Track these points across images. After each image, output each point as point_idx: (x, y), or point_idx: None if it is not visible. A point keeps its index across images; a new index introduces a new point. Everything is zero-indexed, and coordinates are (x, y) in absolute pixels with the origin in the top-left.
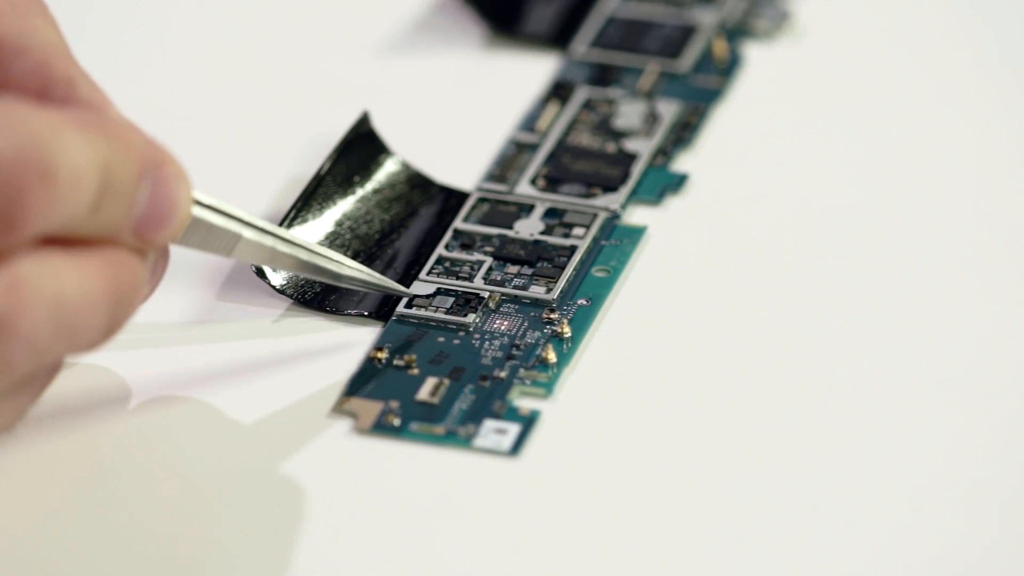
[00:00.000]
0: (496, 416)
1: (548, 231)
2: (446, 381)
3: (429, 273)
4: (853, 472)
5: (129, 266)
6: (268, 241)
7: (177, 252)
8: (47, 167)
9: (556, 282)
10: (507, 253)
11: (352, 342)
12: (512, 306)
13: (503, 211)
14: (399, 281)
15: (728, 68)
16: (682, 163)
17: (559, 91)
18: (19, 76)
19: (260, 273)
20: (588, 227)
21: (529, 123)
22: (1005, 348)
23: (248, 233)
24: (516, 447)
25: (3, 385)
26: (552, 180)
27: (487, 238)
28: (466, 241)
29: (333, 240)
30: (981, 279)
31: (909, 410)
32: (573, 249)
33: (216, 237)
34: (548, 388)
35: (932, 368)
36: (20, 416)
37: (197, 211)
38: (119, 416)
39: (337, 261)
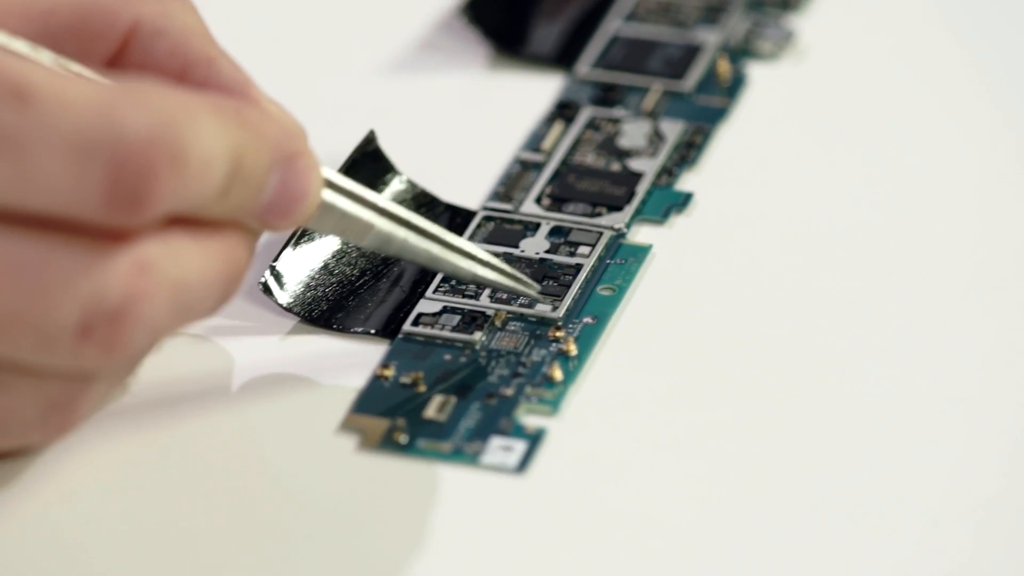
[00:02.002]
0: (503, 433)
1: (553, 250)
2: (453, 398)
3: (435, 291)
4: (859, 493)
5: (245, 248)
6: (401, 233)
7: None
8: (179, 149)
9: (562, 300)
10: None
11: (359, 360)
12: (518, 324)
13: (509, 230)
14: (405, 299)
15: (732, 88)
16: (687, 182)
17: (563, 111)
18: (158, 58)
19: (267, 290)
20: (593, 246)
21: (534, 142)
22: (1011, 363)
23: (381, 223)
24: (523, 464)
25: (117, 365)
26: (557, 199)
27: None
28: None
29: (340, 258)
30: (987, 296)
31: (915, 430)
32: (579, 268)
33: (349, 224)
34: (554, 406)
35: (938, 390)
36: (116, 389)
37: (331, 198)
38: (123, 432)
39: (472, 257)
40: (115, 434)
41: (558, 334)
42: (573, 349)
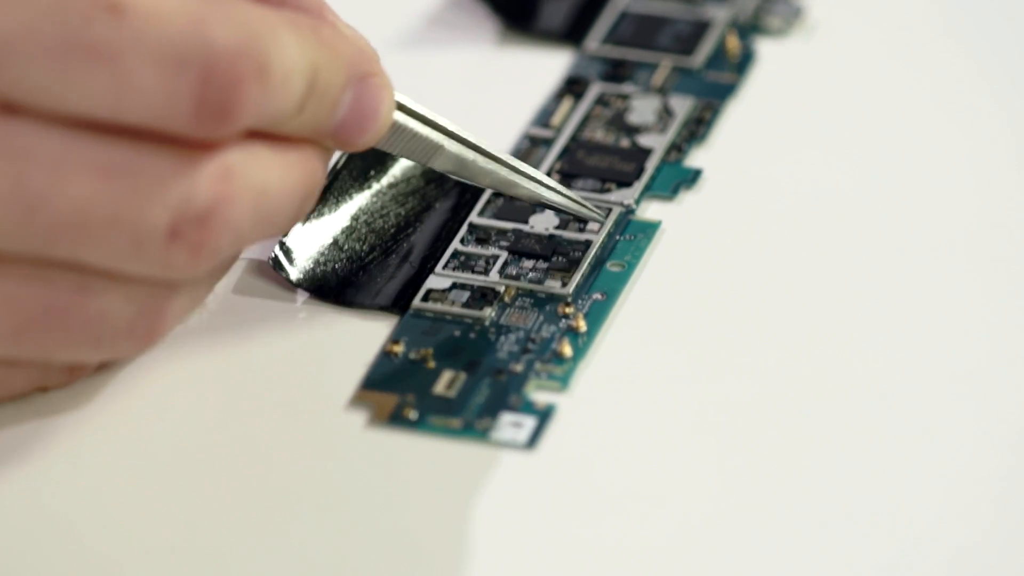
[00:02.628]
0: (512, 409)
1: (563, 226)
2: (462, 375)
3: (445, 267)
4: (870, 470)
5: (321, 163)
6: (469, 155)
7: None
8: (264, 63)
9: (571, 276)
10: (522, 247)
11: (368, 335)
12: (527, 300)
13: (518, 206)
14: (415, 275)
15: (741, 64)
16: (696, 158)
17: (573, 87)
18: None
19: (277, 266)
20: (603, 222)
21: (543, 119)
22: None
23: (449, 144)
24: (532, 440)
25: (205, 271)
26: (566, 175)
27: (502, 232)
28: (481, 235)
29: (349, 234)
30: (1003, 277)
31: (928, 403)
32: (588, 244)
33: (418, 145)
34: (564, 382)
35: (951, 359)
36: (197, 303)
37: (401, 118)
38: (133, 407)
39: (537, 181)
40: (125, 407)
41: (567, 310)
42: (583, 325)
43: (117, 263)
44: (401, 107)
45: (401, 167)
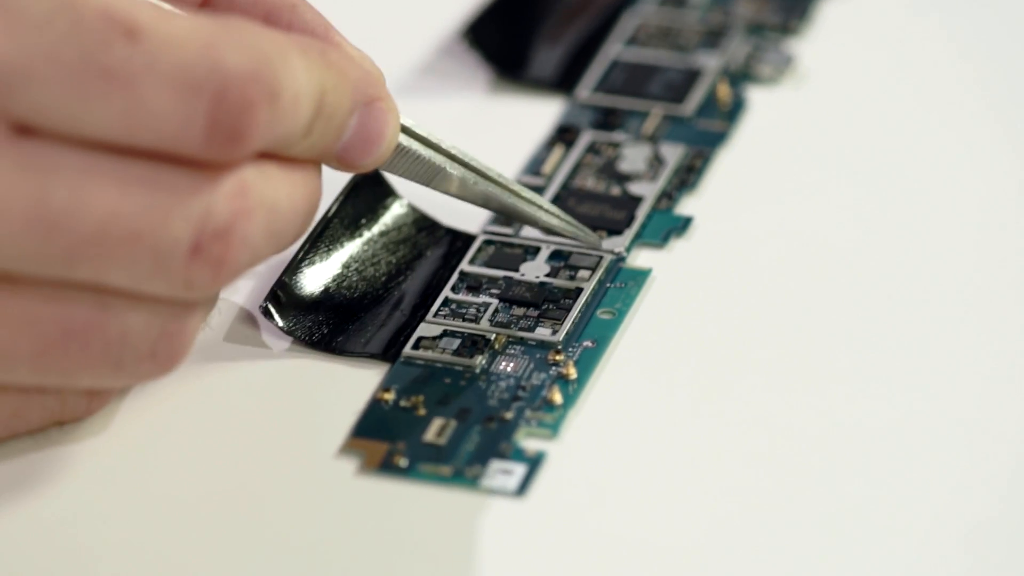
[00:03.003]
0: (502, 457)
1: (553, 273)
2: (452, 422)
3: (436, 315)
4: (860, 524)
5: (320, 182)
6: (471, 177)
7: None
8: (274, 87)
9: (562, 324)
10: (513, 295)
11: (359, 383)
12: (518, 348)
13: (509, 253)
14: (406, 323)
15: (732, 112)
16: (686, 206)
17: (564, 135)
18: (243, 5)
19: (268, 313)
20: (593, 270)
21: (534, 166)
22: (1011, 385)
23: (451, 167)
24: (522, 488)
25: (219, 287)
26: None
27: (493, 280)
28: (472, 283)
29: (340, 282)
30: (988, 319)
31: (917, 455)
32: (579, 291)
33: (421, 167)
34: (554, 429)
35: (939, 414)
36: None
37: (405, 141)
38: (124, 455)
39: (536, 205)
40: (114, 452)
41: (558, 357)
42: (573, 373)
43: (139, 282)
44: (405, 129)
45: (392, 215)
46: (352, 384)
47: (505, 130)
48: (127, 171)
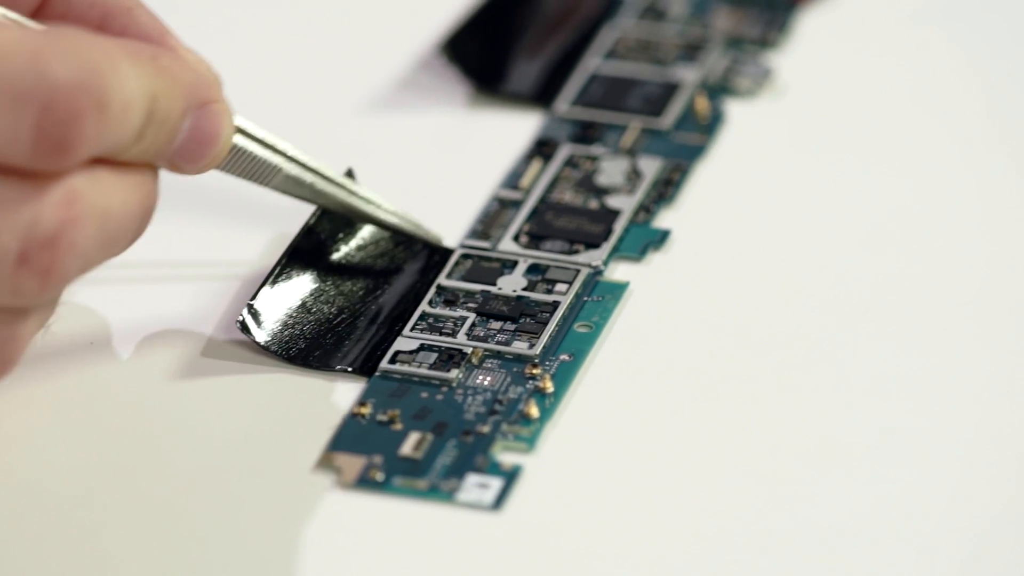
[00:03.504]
0: (479, 470)
1: (531, 287)
2: (429, 436)
3: (413, 329)
4: (839, 538)
5: (155, 184)
6: (308, 177)
7: (164, 307)
8: (102, 96)
9: (539, 338)
10: (490, 309)
11: (336, 397)
12: (495, 361)
13: (486, 267)
14: (383, 337)
15: (710, 125)
16: (664, 219)
17: (542, 148)
18: (79, 8)
19: (245, 329)
20: (571, 283)
21: (512, 180)
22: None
23: (289, 167)
24: (498, 501)
25: (48, 295)
26: (535, 237)
27: (470, 294)
28: (449, 297)
29: (317, 296)
30: (970, 336)
31: (903, 476)
32: (556, 305)
33: (257, 168)
34: (530, 443)
35: (917, 432)
36: (42, 327)
37: (242, 142)
38: (103, 470)
39: (375, 204)
40: (89, 465)
41: (535, 371)
42: (550, 386)
43: None
44: (241, 131)
45: (370, 230)
46: (329, 398)
47: (483, 144)
48: None
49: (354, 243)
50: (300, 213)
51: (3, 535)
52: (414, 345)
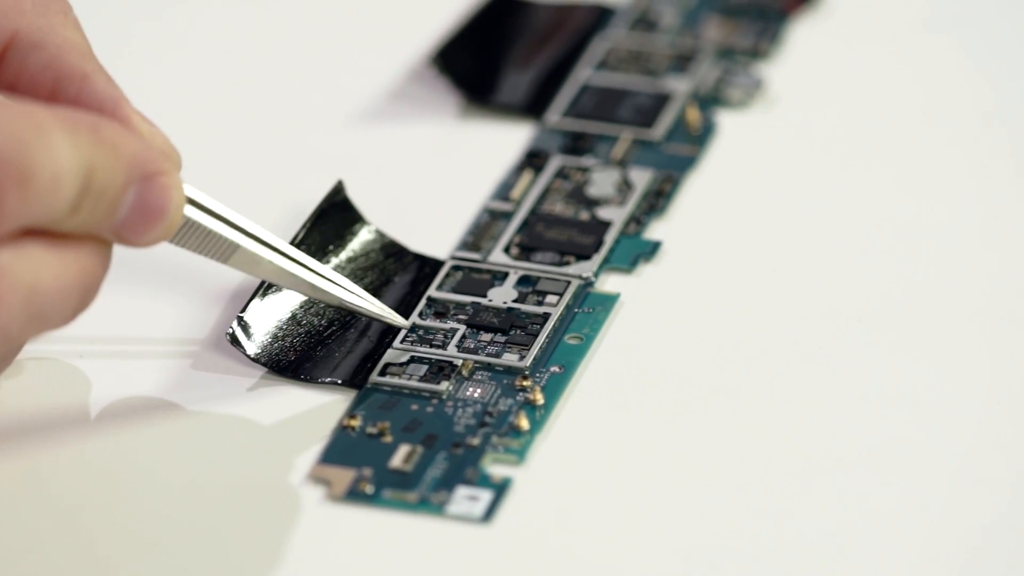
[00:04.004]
0: (469, 483)
1: (521, 299)
2: (419, 448)
3: (403, 341)
4: (832, 543)
5: (100, 259)
6: (267, 255)
7: (154, 319)
8: (26, 169)
9: (529, 350)
10: (480, 321)
11: (326, 410)
12: (485, 373)
13: (477, 279)
14: (373, 349)
15: (701, 136)
16: (655, 231)
17: (533, 160)
18: (33, 71)
19: (234, 341)
20: (561, 295)
21: (503, 192)
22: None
23: (247, 244)
24: (488, 514)
25: None
26: (526, 248)
27: (461, 306)
28: (440, 309)
29: (307, 309)
30: (963, 349)
31: (900, 479)
32: (546, 317)
33: (212, 244)
34: (520, 455)
35: (919, 439)
36: None
37: (196, 216)
38: (93, 483)
39: (340, 286)
40: (80, 479)
41: (525, 383)
42: (540, 398)
43: None
44: (197, 205)
45: (360, 241)
46: (319, 411)
47: (474, 155)
48: None
49: (344, 255)
50: (289, 226)
51: None
52: (404, 357)
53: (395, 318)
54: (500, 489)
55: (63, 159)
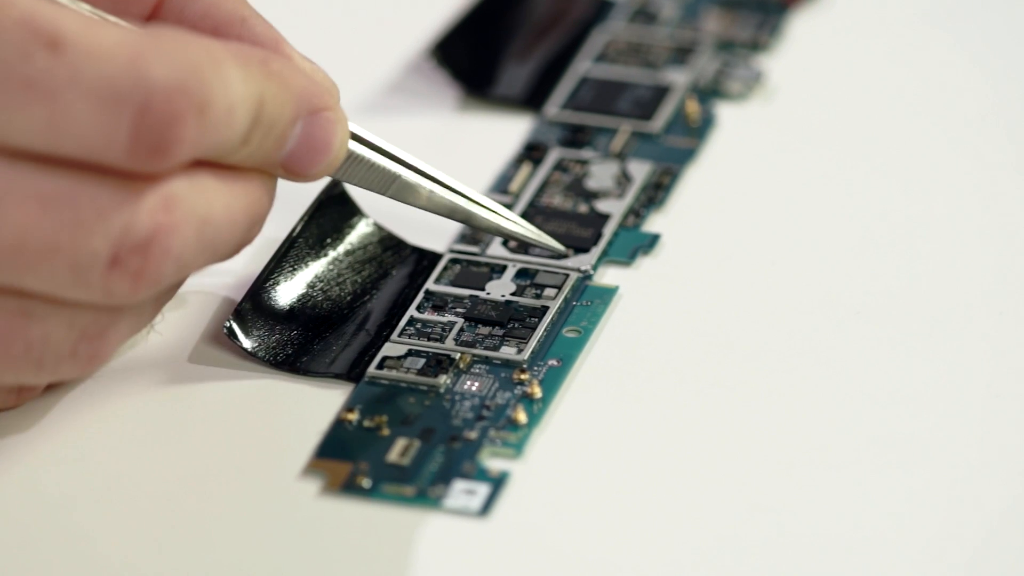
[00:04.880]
0: (466, 477)
1: (519, 292)
2: (416, 442)
3: (401, 335)
4: (831, 537)
5: (267, 192)
6: (426, 185)
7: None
8: (203, 98)
9: (527, 343)
10: (478, 314)
11: (323, 403)
12: (483, 367)
13: (475, 272)
14: (370, 343)
15: (700, 129)
16: (654, 224)
17: (532, 152)
18: (192, 20)
19: (231, 335)
20: (559, 288)
21: (502, 184)
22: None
23: (407, 175)
24: (486, 508)
25: (147, 297)
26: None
27: (459, 299)
28: (438, 302)
29: (305, 302)
30: (961, 343)
31: (895, 477)
32: (544, 310)
33: (375, 175)
34: (518, 449)
35: (917, 433)
36: (142, 325)
37: (358, 149)
38: (89, 476)
39: (496, 212)
40: (75, 471)
41: (523, 376)
42: (538, 392)
43: (57, 290)
44: (359, 139)
45: (358, 234)
46: (316, 404)
47: (473, 148)
48: (49, 183)
49: (342, 248)
50: (287, 219)
51: None
52: (402, 351)
53: (554, 244)
54: (498, 483)
55: (237, 91)
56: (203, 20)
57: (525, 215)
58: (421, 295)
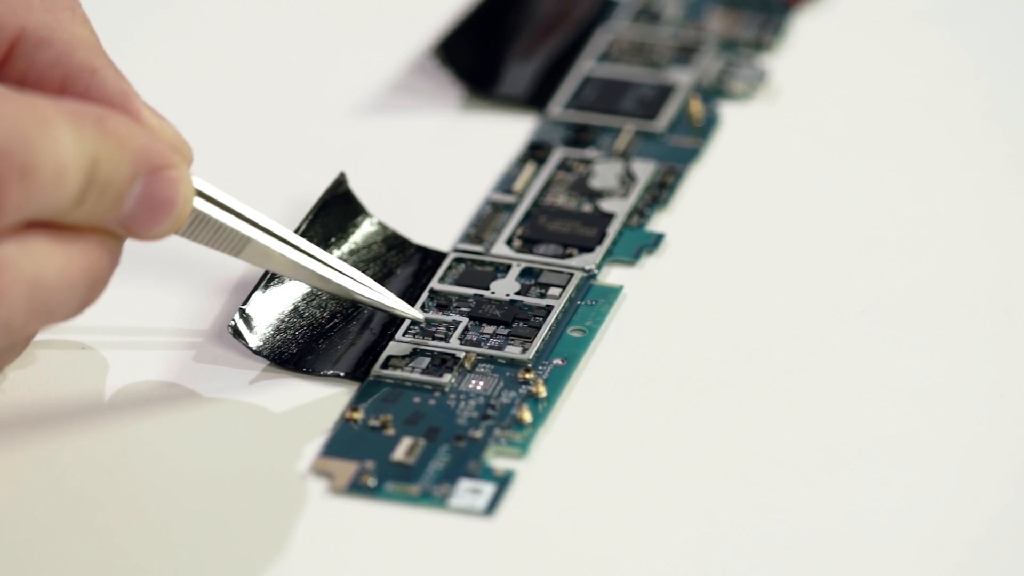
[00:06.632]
0: (471, 476)
1: (524, 291)
2: (421, 441)
3: (405, 334)
4: (834, 536)
5: (107, 252)
6: (278, 248)
7: (156, 311)
8: (28, 161)
9: (532, 342)
10: (483, 313)
11: (328, 403)
12: (488, 366)
13: (479, 271)
14: (375, 342)
15: (704, 128)
16: (658, 223)
17: (535, 152)
18: (41, 68)
19: (237, 333)
20: (564, 287)
21: (506, 184)
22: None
23: (258, 237)
24: (491, 507)
25: None
26: (528, 240)
27: (463, 298)
28: (442, 302)
29: (310, 301)
30: (965, 342)
31: (899, 477)
32: (549, 309)
33: (223, 237)
34: (523, 448)
35: (920, 434)
36: None
37: (206, 209)
38: (95, 474)
39: (349, 277)
40: (80, 471)
41: (528, 376)
42: (543, 391)
43: None
44: (207, 198)
45: (362, 233)
46: (321, 404)
47: (477, 147)
48: None
49: (346, 247)
50: (292, 218)
51: None
52: (407, 350)
53: (408, 310)
54: (503, 482)
55: (67, 151)
56: (53, 68)
57: (529, 215)
58: (426, 294)
